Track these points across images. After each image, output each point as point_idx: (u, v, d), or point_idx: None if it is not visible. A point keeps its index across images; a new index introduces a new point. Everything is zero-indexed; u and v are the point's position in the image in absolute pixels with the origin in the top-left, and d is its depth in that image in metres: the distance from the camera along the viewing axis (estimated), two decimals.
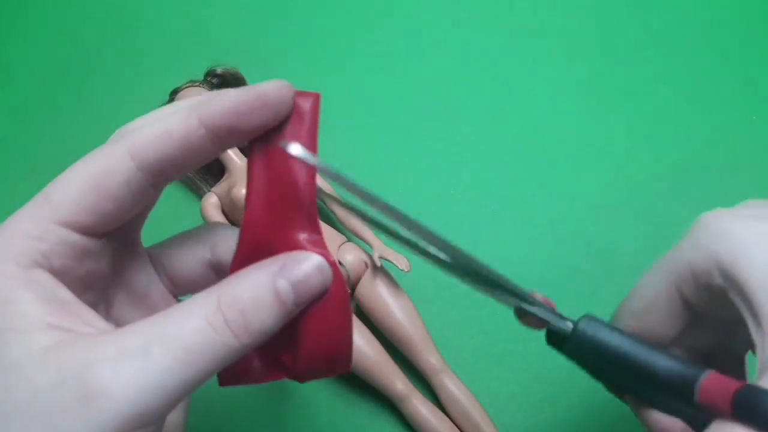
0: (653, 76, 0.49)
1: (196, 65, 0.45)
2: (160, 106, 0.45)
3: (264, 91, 0.19)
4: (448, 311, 0.40)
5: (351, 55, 0.50)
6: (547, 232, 0.43)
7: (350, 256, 0.38)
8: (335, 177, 0.19)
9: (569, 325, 0.23)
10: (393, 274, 0.38)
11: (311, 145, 0.21)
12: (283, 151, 0.20)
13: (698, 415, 0.21)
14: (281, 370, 0.22)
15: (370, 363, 0.35)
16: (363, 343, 0.36)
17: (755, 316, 0.19)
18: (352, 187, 0.19)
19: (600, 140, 0.46)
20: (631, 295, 0.24)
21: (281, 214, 0.20)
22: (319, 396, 0.38)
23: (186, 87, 0.43)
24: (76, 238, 0.19)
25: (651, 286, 0.23)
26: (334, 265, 0.20)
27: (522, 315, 0.23)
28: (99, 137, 0.23)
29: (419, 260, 0.42)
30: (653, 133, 0.47)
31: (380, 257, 0.37)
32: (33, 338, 0.17)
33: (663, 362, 0.21)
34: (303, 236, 0.20)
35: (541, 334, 0.25)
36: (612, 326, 0.23)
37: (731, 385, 0.19)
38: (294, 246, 0.20)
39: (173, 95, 0.43)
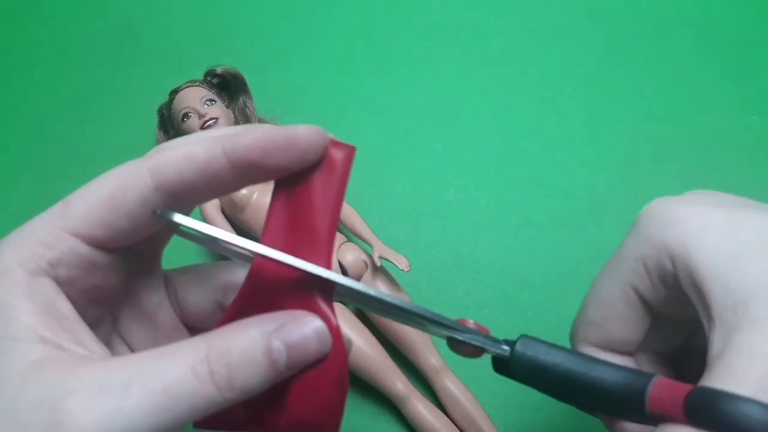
0: (653, 76, 0.49)
1: (196, 65, 0.45)
2: (160, 106, 0.45)
3: (294, 134, 0.18)
4: (448, 311, 0.40)
5: (351, 55, 0.50)
6: (547, 232, 0.43)
7: (350, 256, 0.38)
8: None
9: (506, 350, 0.21)
10: (393, 274, 0.38)
11: (338, 200, 0.20)
12: (309, 196, 0.19)
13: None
14: (259, 427, 0.21)
15: (371, 363, 0.35)
16: (363, 343, 0.36)
17: (706, 307, 0.18)
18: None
19: (600, 140, 0.46)
20: (585, 305, 0.23)
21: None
22: None
23: (186, 87, 0.43)
24: (85, 249, 0.18)
25: (605, 290, 0.22)
26: (337, 332, 0.19)
27: (455, 346, 0.22)
28: (99, 137, 0.23)
29: (419, 260, 0.42)
30: (653, 133, 0.47)
31: (380, 257, 0.37)
32: (23, 349, 0.17)
33: (608, 375, 0.20)
34: (312, 292, 0.19)
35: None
36: (550, 344, 0.21)
37: (681, 389, 0.18)
38: (302, 302, 0.19)
39: (173, 95, 0.43)
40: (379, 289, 0.37)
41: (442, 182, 0.45)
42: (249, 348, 0.17)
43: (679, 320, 0.22)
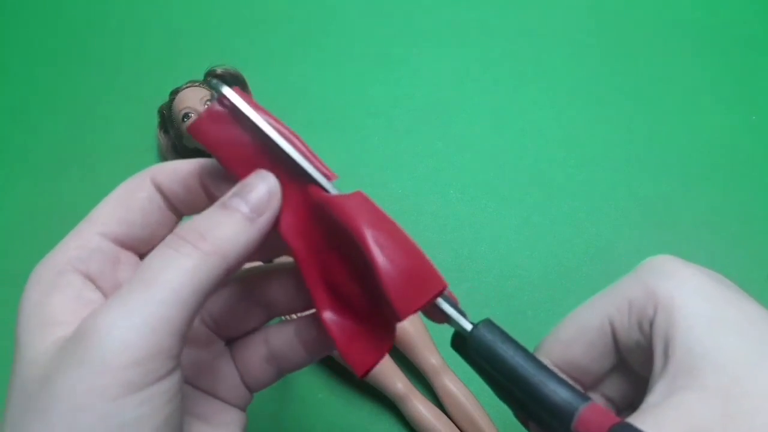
0: (653, 77, 0.49)
1: (196, 65, 0.45)
2: (161, 106, 0.45)
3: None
4: None
5: (351, 55, 0.50)
6: (547, 232, 0.43)
7: None
8: None
9: (468, 327, 0.21)
10: None
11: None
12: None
13: None
14: (386, 323, 0.21)
15: None
16: None
17: (665, 358, 0.19)
18: None
19: (600, 140, 0.46)
20: (561, 324, 0.24)
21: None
22: (319, 396, 0.38)
23: (186, 87, 0.43)
24: (110, 246, 0.20)
25: (584, 315, 0.23)
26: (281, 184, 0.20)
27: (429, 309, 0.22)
28: (99, 137, 0.23)
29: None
30: (653, 133, 0.47)
31: None
32: (52, 330, 0.18)
33: (551, 384, 0.20)
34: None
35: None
36: (511, 338, 0.21)
37: (610, 419, 0.19)
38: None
39: (173, 95, 0.43)
40: None
41: (442, 182, 0.45)
42: (211, 213, 0.19)
43: (636, 375, 0.23)
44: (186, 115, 0.41)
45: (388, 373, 0.35)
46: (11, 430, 0.17)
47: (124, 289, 0.18)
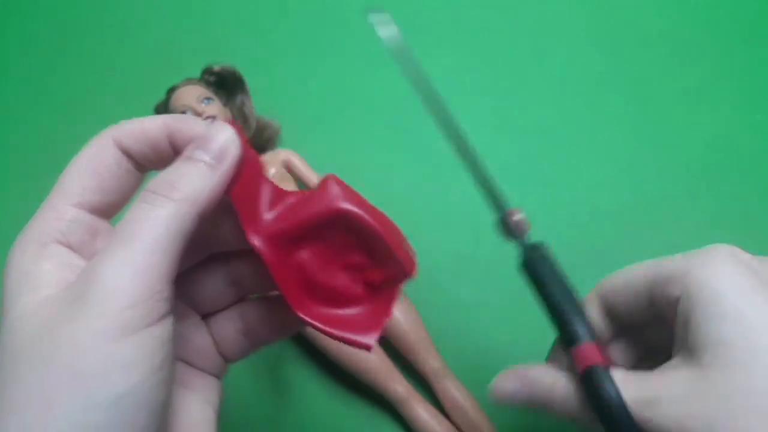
0: (656, 77, 0.49)
1: (193, 63, 0.44)
2: (157, 103, 0.45)
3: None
4: (449, 314, 0.40)
5: (350, 54, 0.50)
6: (548, 233, 0.43)
7: None
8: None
9: (524, 246, 0.28)
10: None
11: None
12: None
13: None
14: (381, 291, 0.23)
15: (371, 366, 0.35)
16: None
17: (684, 335, 0.22)
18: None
19: (602, 141, 0.46)
20: (616, 273, 0.28)
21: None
22: (319, 398, 0.37)
23: (183, 85, 0.42)
24: (87, 217, 0.21)
25: (634, 273, 0.26)
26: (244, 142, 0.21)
27: (503, 225, 0.30)
28: (95, 135, 0.23)
29: (419, 260, 0.42)
30: (656, 134, 0.47)
31: None
32: (45, 292, 0.19)
33: (573, 315, 0.25)
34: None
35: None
36: (555, 268, 0.28)
37: (597, 358, 0.23)
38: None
39: (170, 93, 0.43)
40: None
41: (442, 182, 0.44)
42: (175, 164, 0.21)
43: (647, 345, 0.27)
44: (183, 113, 0.41)
45: (388, 376, 0.35)
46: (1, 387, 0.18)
47: (110, 245, 0.19)
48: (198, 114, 0.40)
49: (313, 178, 0.41)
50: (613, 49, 0.50)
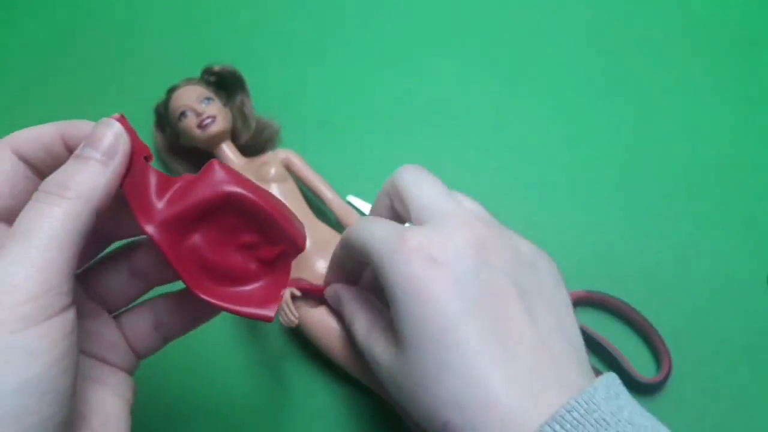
0: (656, 76, 0.49)
1: (194, 64, 0.44)
2: (157, 104, 0.45)
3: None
4: None
5: (350, 54, 0.50)
6: (548, 232, 0.43)
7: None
8: None
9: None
10: None
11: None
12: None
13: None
14: (274, 267, 0.24)
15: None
16: None
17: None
18: None
19: (602, 140, 0.46)
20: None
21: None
22: (319, 396, 0.37)
23: (183, 85, 0.42)
24: None
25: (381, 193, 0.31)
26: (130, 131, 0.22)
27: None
28: None
29: None
30: (656, 133, 0.47)
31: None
32: None
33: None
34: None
35: None
36: None
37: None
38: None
39: (170, 93, 0.43)
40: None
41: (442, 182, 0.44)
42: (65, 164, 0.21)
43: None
44: (183, 114, 0.41)
45: None
46: None
47: (5, 243, 0.19)
48: (198, 114, 0.40)
49: (313, 177, 0.41)
50: (613, 49, 0.50)
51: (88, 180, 0.21)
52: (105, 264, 0.26)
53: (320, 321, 0.36)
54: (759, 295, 0.41)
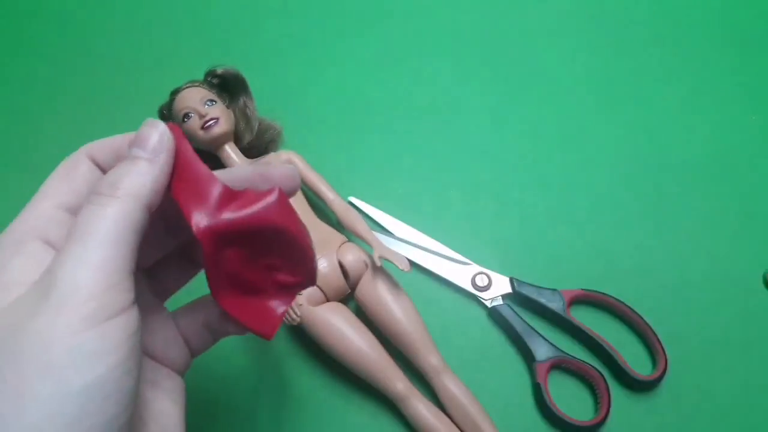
0: (655, 76, 0.49)
1: (196, 66, 0.45)
2: (160, 106, 0.46)
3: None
4: (448, 311, 0.40)
5: (351, 55, 0.50)
6: (548, 232, 0.43)
7: (350, 256, 0.38)
8: None
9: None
10: (393, 274, 0.38)
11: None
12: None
13: None
14: (284, 292, 0.25)
15: (371, 363, 0.35)
16: (363, 343, 0.36)
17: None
18: None
19: (601, 140, 0.47)
20: None
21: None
22: (319, 396, 0.38)
23: (186, 87, 0.43)
24: (63, 214, 0.23)
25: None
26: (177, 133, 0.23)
27: None
28: (99, 138, 0.23)
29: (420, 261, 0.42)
30: (654, 132, 0.47)
31: (380, 257, 0.37)
32: (16, 290, 0.20)
33: None
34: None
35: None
36: None
37: None
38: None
39: (173, 95, 0.43)
40: (378, 289, 0.37)
41: (442, 182, 0.45)
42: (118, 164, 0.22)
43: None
44: (186, 115, 0.41)
45: (388, 373, 0.36)
46: None
47: (65, 244, 0.20)
48: (202, 115, 0.40)
49: (314, 178, 0.41)
50: (611, 50, 0.51)
51: (136, 178, 0.21)
52: (169, 261, 0.27)
53: (322, 319, 0.36)
54: (754, 293, 0.41)
